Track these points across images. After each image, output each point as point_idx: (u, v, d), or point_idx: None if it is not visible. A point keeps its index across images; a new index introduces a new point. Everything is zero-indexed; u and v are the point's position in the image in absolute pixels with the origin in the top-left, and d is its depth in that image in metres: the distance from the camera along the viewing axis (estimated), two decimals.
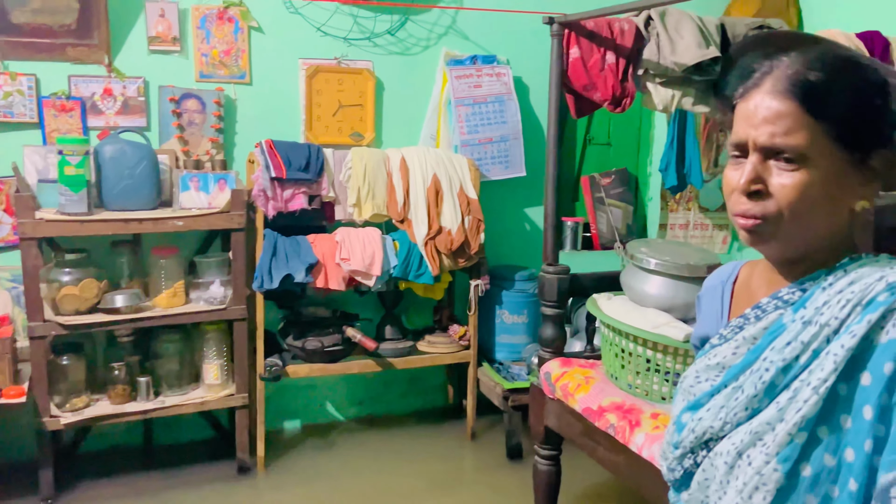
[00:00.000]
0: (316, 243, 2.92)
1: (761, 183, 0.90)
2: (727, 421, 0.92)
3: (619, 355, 2.24)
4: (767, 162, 0.90)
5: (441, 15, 3.36)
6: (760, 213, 0.90)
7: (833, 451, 0.84)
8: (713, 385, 0.97)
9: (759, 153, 0.90)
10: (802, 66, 0.90)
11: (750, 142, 0.91)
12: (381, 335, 3.22)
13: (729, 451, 0.90)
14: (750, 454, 0.88)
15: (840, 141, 0.88)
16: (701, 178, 3.54)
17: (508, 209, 3.57)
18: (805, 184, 0.88)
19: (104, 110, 2.94)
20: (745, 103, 0.93)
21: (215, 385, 2.90)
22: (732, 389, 0.93)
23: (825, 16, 3.38)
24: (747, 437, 0.89)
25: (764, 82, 0.91)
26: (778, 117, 0.88)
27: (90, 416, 2.71)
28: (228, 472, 2.96)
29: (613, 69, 2.51)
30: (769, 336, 0.92)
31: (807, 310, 0.90)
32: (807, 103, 0.88)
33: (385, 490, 2.89)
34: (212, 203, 2.85)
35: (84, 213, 2.62)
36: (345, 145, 3.20)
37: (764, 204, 0.90)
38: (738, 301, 1.07)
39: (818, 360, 0.86)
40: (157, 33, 2.97)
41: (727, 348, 0.98)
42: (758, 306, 0.97)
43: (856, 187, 0.90)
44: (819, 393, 0.84)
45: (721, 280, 1.11)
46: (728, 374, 0.95)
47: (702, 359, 1.02)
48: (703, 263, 2.26)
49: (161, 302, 2.80)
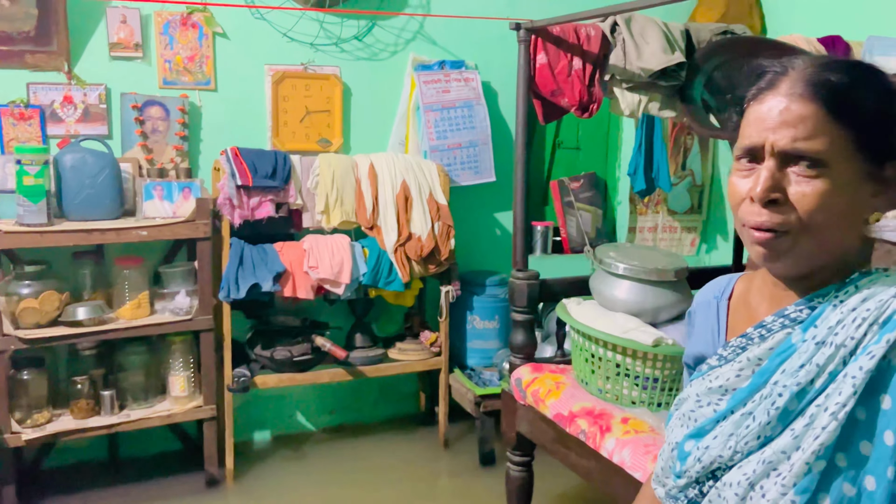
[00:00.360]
0: (283, 251, 2.89)
1: (780, 191, 0.83)
2: (737, 450, 0.87)
3: (589, 360, 2.24)
4: (784, 169, 0.84)
5: (409, 20, 3.35)
6: (779, 224, 0.83)
7: (853, 480, 0.80)
8: (717, 410, 0.91)
9: (776, 159, 0.84)
10: (821, 68, 0.85)
11: (767, 146, 0.84)
12: (351, 343, 3.19)
13: (740, 482, 0.85)
14: (763, 485, 0.83)
15: (861, 148, 0.83)
16: (669, 182, 3.57)
17: (478, 215, 3.57)
18: (826, 193, 0.82)
19: (64, 118, 2.87)
20: (758, 106, 0.87)
21: (182, 397, 2.84)
22: (741, 416, 0.88)
23: (787, 21, 3.43)
24: (760, 468, 0.83)
25: (780, 84, 0.86)
26: (800, 120, 0.82)
27: (53, 432, 2.65)
28: (197, 486, 2.91)
29: (580, 75, 2.51)
30: (777, 357, 0.87)
31: (818, 329, 0.84)
32: (830, 106, 0.82)
33: (357, 500, 2.86)
34: (176, 212, 2.80)
35: (44, 223, 2.56)
36: (312, 152, 3.17)
37: (783, 215, 0.83)
38: (735, 318, 1.01)
39: (835, 383, 0.81)
40: (118, 39, 2.91)
41: (729, 370, 0.92)
42: (762, 325, 0.91)
43: (869, 198, 0.85)
44: (838, 418, 0.79)
45: (715, 295, 1.05)
46: (734, 399, 0.89)
47: (700, 381, 0.96)
48: (671, 268, 2.28)
49: (125, 313, 2.74)
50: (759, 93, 0.88)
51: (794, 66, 0.86)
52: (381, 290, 3.06)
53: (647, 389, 2.15)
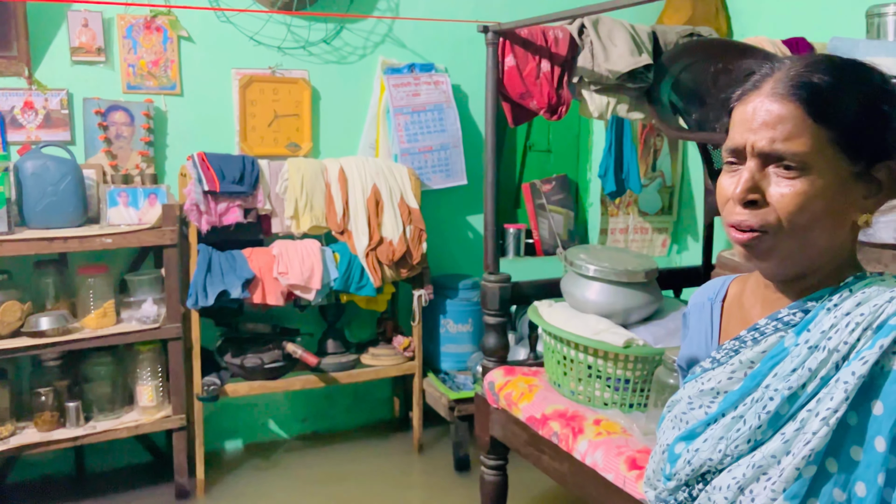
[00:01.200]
0: (252, 258, 2.85)
1: (758, 192, 0.84)
2: (727, 453, 0.86)
3: (562, 362, 2.24)
4: (766, 169, 0.84)
5: (377, 23, 3.33)
6: (758, 224, 0.84)
7: (843, 486, 0.79)
8: (708, 413, 0.91)
9: (758, 159, 0.84)
10: (806, 69, 0.84)
11: (748, 147, 0.84)
12: (323, 350, 3.16)
13: (729, 486, 0.84)
14: (753, 489, 0.82)
15: (844, 149, 0.82)
16: (639, 183, 3.59)
17: (450, 218, 3.55)
18: (806, 194, 0.81)
19: (25, 124, 2.81)
20: (742, 106, 0.87)
21: (150, 407, 2.79)
22: (732, 419, 0.87)
23: (752, 23, 3.48)
24: (750, 472, 0.83)
25: (764, 85, 0.85)
26: (779, 121, 0.82)
27: (16, 446, 2.58)
28: (167, 497, 2.85)
29: (549, 77, 2.51)
30: (769, 361, 0.86)
31: (811, 333, 0.84)
32: (810, 106, 0.82)
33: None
34: (142, 219, 2.75)
35: (4, 232, 2.50)
36: (281, 156, 3.14)
37: (762, 215, 0.84)
38: (728, 320, 1.00)
39: (827, 388, 0.80)
40: (80, 44, 2.85)
41: (721, 373, 0.92)
42: (755, 328, 0.90)
43: (859, 200, 0.84)
44: (829, 424, 0.78)
45: (709, 297, 1.04)
46: (725, 402, 0.89)
47: (692, 383, 0.95)
48: (641, 269, 2.28)
49: (90, 323, 2.68)
50: (745, 93, 0.88)
51: (781, 67, 0.86)
52: (353, 295, 3.04)
53: (618, 391, 2.15)
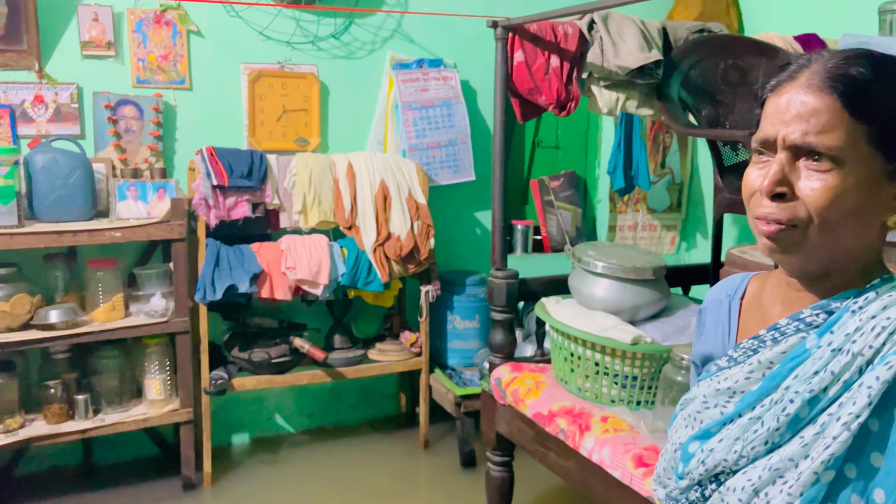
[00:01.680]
0: (260, 252, 2.85)
1: (787, 185, 0.82)
2: (743, 454, 0.84)
3: (569, 359, 2.23)
4: (796, 162, 0.82)
5: (386, 18, 3.33)
6: (786, 218, 0.82)
7: (861, 492, 0.78)
8: (724, 413, 0.89)
9: (788, 152, 0.82)
10: (844, 61, 0.81)
11: (779, 139, 0.82)
12: (330, 345, 3.16)
13: (744, 488, 0.83)
14: (769, 492, 0.81)
15: (880, 146, 0.80)
16: (648, 180, 3.57)
17: (458, 214, 3.55)
18: (837, 189, 0.79)
19: (35, 118, 2.82)
20: (776, 98, 0.85)
21: (158, 400, 2.80)
22: (749, 420, 0.85)
23: (764, 19, 3.45)
24: (766, 474, 0.82)
25: (800, 76, 0.83)
26: (813, 113, 0.80)
27: (25, 437, 2.59)
28: (174, 490, 2.86)
29: (558, 73, 2.50)
30: (790, 362, 0.84)
31: (835, 335, 0.82)
32: (847, 100, 0.80)
33: (338, 502, 2.83)
34: (151, 213, 2.76)
35: (14, 225, 2.51)
36: (290, 151, 3.14)
37: (789, 208, 0.82)
38: (747, 318, 0.98)
39: (849, 392, 0.79)
40: (90, 38, 2.86)
41: (738, 372, 0.90)
42: (775, 327, 0.88)
43: (890, 200, 0.82)
44: (850, 429, 0.77)
45: (727, 294, 1.02)
46: (742, 402, 0.87)
47: (708, 381, 0.94)
48: (649, 266, 2.27)
49: (99, 316, 2.69)
50: (779, 84, 0.85)
51: (819, 59, 0.84)
52: (360, 290, 3.04)
53: (626, 388, 2.14)
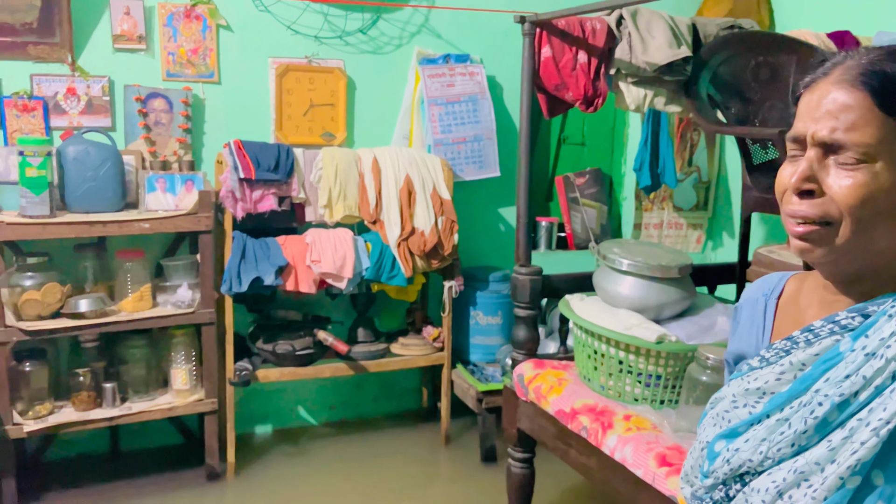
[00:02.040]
0: (286, 245, 2.87)
1: (815, 182, 0.81)
2: (768, 455, 0.84)
3: (592, 357, 2.22)
4: (826, 160, 0.81)
5: (413, 13, 3.33)
6: (815, 214, 0.81)
7: (887, 499, 0.77)
8: (753, 413, 0.89)
9: (818, 149, 0.81)
10: (878, 57, 0.80)
11: (808, 136, 0.81)
12: (353, 338, 3.18)
13: (768, 489, 0.82)
14: (792, 495, 0.80)
15: None
16: (675, 178, 3.54)
17: (482, 210, 3.55)
18: (868, 186, 0.78)
19: (67, 110, 2.87)
20: (809, 94, 0.84)
21: (184, 390, 2.84)
22: (777, 422, 0.85)
23: (796, 16, 3.40)
24: (791, 477, 0.81)
25: (833, 72, 0.82)
26: (843, 110, 0.79)
27: (54, 424, 2.64)
28: (198, 479, 2.90)
29: (585, 69, 2.49)
30: (822, 364, 0.83)
31: (870, 339, 0.80)
32: (879, 96, 0.78)
33: (358, 495, 2.85)
34: (179, 205, 2.79)
35: (46, 215, 2.55)
36: (316, 145, 3.16)
37: (819, 205, 0.81)
38: (782, 319, 0.97)
39: (881, 398, 0.77)
40: (121, 31, 2.90)
41: (769, 373, 0.89)
42: (809, 329, 0.87)
43: None
44: (879, 435, 0.76)
45: (764, 293, 1.01)
46: (771, 403, 0.86)
47: (738, 381, 0.93)
48: (675, 264, 2.25)
49: (127, 306, 2.73)
50: (813, 81, 0.85)
51: (853, 56, 0.83)
52: (384, 284, 3.05)
53: (650, 387, 2.13)
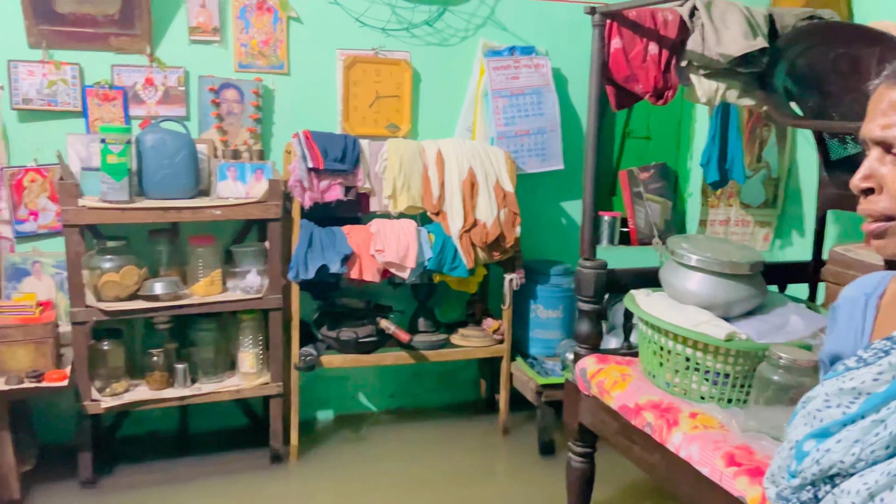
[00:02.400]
0: (351, 234, 2.92)
1: (874, 180, 0.82)
2: (861, 458, 0.82)
3: (658, 353, 2.19)
4: (886, 157, 0.82)
5: (479, 5, 3.33)
6: (878, 211, 0.82)
7: None
8: (846, 413, 0.86)
9: (878, 148, 0.82)
10: None
11: (868, 136, 0.84)
12: (414, 327, 3.21)
13: (859, 491, 0.80)
14: (885, 498, 0.78)
15: None
16: (744, 174, 3.46)
17: (545, 203, 3.53)
18: None
19: (145, 100, 2.97)
20: (872, 96, 0.86)
21: (250, 373, 2.92)
22: (872, 423, 0.83)
23: (877, 6, 3.27)
24: (884, 479, 0.79)
25: (890, 74, 0.84)
26: (892, 107, 0.80)
27: (129, 401, 2.76)
28: (261, 461, 2.98)
29: (656, 60, 2.45)
30: None
31: None
32: None
33: (416, 482, 2.89)
34: (249, 193, 2.87)
35: (125, 201, 2.66)
36: (381, 137, 3.19)
37: (878, 201, 0.82)
38: (883, 318, 0.95)
39: None
40: (197, 24, 2.99)
41: (867, 373, 0.87)
42: None
43: None
44: None
45: (865, 292, 0.99)
46: (867, 404, 0.84)
47: (833, 380, 0.91)
48: (746, 261, 2.20)
49: (198, 290, 2.83)
50: (880, 82, 0.85)
51: None
52: (445, 275, 3.07)
53: (717, 385, 2.09)
